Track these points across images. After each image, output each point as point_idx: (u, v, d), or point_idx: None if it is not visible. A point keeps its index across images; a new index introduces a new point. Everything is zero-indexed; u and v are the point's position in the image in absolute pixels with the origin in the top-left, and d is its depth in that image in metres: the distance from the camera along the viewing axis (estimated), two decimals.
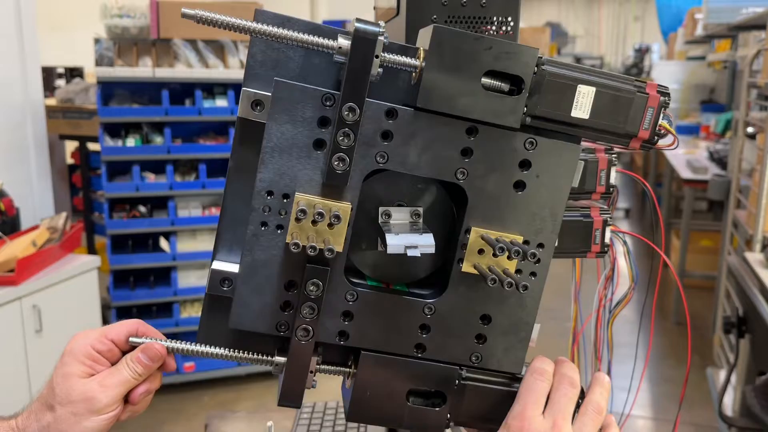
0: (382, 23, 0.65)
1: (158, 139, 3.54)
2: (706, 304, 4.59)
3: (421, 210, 0.76)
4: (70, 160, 4.89)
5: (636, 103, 0.71)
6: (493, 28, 0.78)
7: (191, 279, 3.68)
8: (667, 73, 7.87)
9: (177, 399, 3.62)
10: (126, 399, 0.79)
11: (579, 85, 0.69)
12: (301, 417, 1.32)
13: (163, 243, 3.66)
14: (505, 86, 0.69)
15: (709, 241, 5.19)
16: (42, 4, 3.89)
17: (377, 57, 0.65)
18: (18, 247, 2.90)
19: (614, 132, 0.71)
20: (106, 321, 3.61)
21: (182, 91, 3.60)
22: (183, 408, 3.54)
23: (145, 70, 3.44)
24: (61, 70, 5.82)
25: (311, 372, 0.73)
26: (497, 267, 0.71)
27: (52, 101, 4.53)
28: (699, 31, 5.99)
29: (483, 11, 0.77)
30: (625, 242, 0.85)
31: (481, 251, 0.72)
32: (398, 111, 0.69)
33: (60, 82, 5.56)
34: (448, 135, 0.70)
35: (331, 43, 0.66)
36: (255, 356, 0.75)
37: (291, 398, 0.74)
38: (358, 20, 0.65)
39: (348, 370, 0.75)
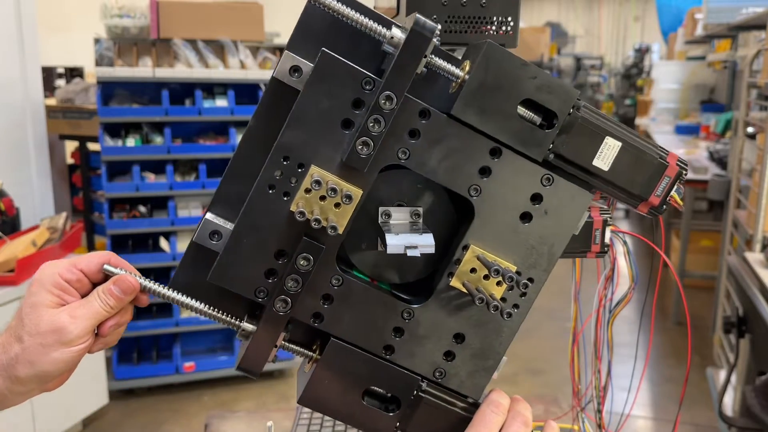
0: (439, 25, 0.66)
1: (158, 139, 3.54)
2: (706, 304, 4.59)
3: (421, 210, 0.75)
4: (70, 160, 4.89)
5: (655, 169, 0.72)
6: (493, 28, 0.78)
7: None
8: (667, 73, 7.88)
9: (177, 399, 3.62)
10: (96, 331, 0.76)
11: (607, 137, 0.70)
12: (301, 417, 1.32)
13: (163, 243, 3.66)
14: (538, 118, 0.70)
15: (709, 241, 5.19)
16: (42, 4, 3.89)
17: (426, 57, 0.66)
18: (18, 247, 2.90)
19: (628, 191, 0.73)
20: None
21: (182, 91, 3.59)
22: (183, 408, 3.54)
23: (145, 70, 3.44)
24: (61, 70, 5.82)
25: (276, 346, 0.72)
26: (485, 289, 0.72)
27: (52, 101, 4.53)
28: (699, 31, 5.99)
29: (483, 11, 0.77)
30: (625, 242, 0.85)
31: (473, 270, 0.72)
32: (432, 113, 0.69)
33: (60, 82, 5.56)
34: (472, 150, 0.71)
35: (384, 30, 0.66)
36: (224, 316, 0.73)
37: (251, 367, 0.73)
38: (416, 15, 0.65)
39: (311, 354, 0.75)
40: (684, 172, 0.73)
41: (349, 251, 0.76)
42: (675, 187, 0.73)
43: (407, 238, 0.71)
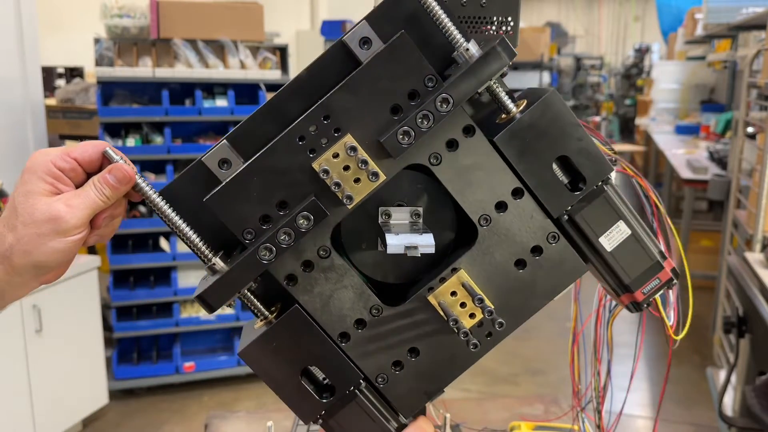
0: (516, 54, 0.67)
1: (158, 139, 3.54)
2: (706, 304, 4.59)
3: (420, 210, 0.76)
4: None
5: (651, 267, 0.74)
6: (493, 28, 0.77)
7: (191, 279, 3.67)
8: (667, 73, 7.88)
9: (177, 399, 3.62)
10: (90, 223, 0.73)
11: (621, 221, 0.72)
12: None
13: (163, 243, 3.66)
14: (566, 178, 0.72)
15: (709, 241, 5.19)
16: (42, 4, 3.89)
17: (491, 81, 0.67)
18: None
19: (619, 278, 0.74)
20: (106, 321, 3.61)
21: (182, 91, 3.60)
22: (183, 408, 3.54)
23: (145, 70, 3.45)
24: (61, 70, 5.82)
25: (237, 293, 0.71)
26: (459, 315, 0.72)
27: (52, 101, 4.53)
28: (699, 31, 5.99)
29: (483, 11, 0.77)
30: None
31: (453, 293, 0.73)
32: (476, 132, 0.70)
33: (60, 82, 5.56)
34: (498, 182, 0.72)
35: (462, 40, 0.67)
36: (200, 243, 0.71)
37: (211, 301, 0.70)
38: (504, 40, 0.67)
39: (268, 314, 0.74)
40: (674, 281, 0.75)
41: (348, 249, 0.76)
42: (661, 291, 0.75)
43: (407, 238, 0.71)
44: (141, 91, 3.56)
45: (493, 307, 0.72)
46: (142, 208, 3.60)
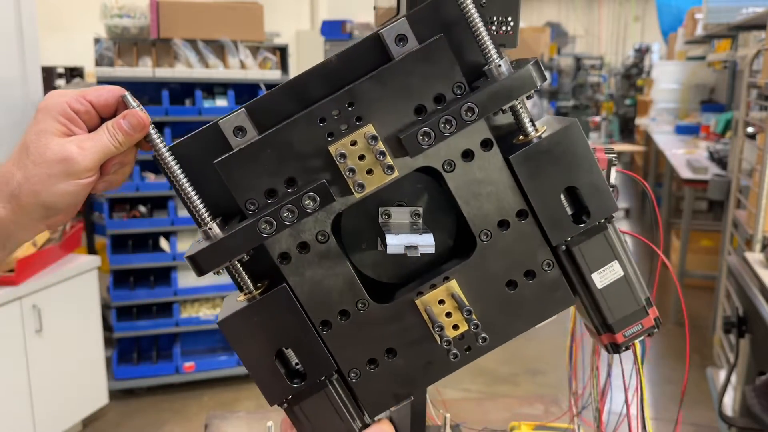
0: (547, 79, 0.67)
1: None
2: (706, 304, 4.59)
3: (420, 210, 0.76)
4: None
5: (636, 312, 0.75)
6: (493, 28, 0.77)
7: (191, 279, 3.68)
8: (667, 73, 7.88)
9: (177, 399, 3.62)
10: (100, 169, 0.73)
11: (616, 261, 0.73)
12: None
13: (163, 243, 3.66)
14: (571, 209, 0.72)
15: (709, 241, 5.19)
16: (42, 4, 3.89)
17: (516, 100, 0.68)
18: None
19: (604, 316, 0.75)
20: (106, 321, 3.61)
21: (182, 91, 3.60)
22: (183, 408, 3.54)
23: (145, 70, 3.45)
24: (61, 70, 5.81)
25: (230, 260, 0.70)
26: (444, 322, 0.72)
27: None
28: (699, 31, 5.99)
29: (483, 11, 0.77)
30: (625, 242, 0.85)
31: (441, 302, 0.73)
32: (494, 148, 0.71)
33: (60, 82, 5.56)
34: (506, 200, 0.72)
35: (496, 55, 0.68)
36: (200, 205, 0.70)
37: (202, 264, 0.69)
38: (537, 62, 0.68)
39: (253, 288, 0.73)
40: (655, 329, 0.76)
41: (348, 249, 0.76)
42: (642, 338, 0.76)
43: (407, 238, 0.71)
44: (141, 91, 3.56)
45: (476, 319, 0.72)
46: (142, 208, 3.60)
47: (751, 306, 2.30)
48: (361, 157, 0.69)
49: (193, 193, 0.70)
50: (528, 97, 0.70)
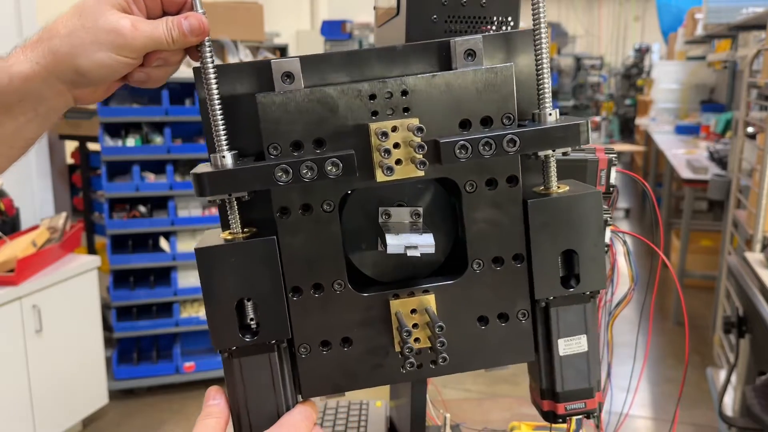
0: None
1: (158, 139, 3.54)
2: (706, 304, 4.59)
3: (420, 210, 0.76)
4: (70, 160, 4.89)
5: (584, 391, 0.77)
6: (493, 28, 0.78)
7: (191, 279, 3.68)
8: (667, 73, 7.88)
9: (177, 399, 3.62)
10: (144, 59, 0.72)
11: (584, 336, 0.75)
12: None
13: (163, 243, 3.66)
14: (562, 271, 0.73)
15: (709, 241, 5.19)
16: (42, 4, 3.89)
17: (558, 150, 0.70)
18: (18, 247, 2.90)
19: (553, 382, 0.76)
20: (106, 321, 3.61)
21: (182, 91, 3.60)
22: (183, 408, 3.54)
23: None
24: None
25: (235, 192, 0.69)
26: (411, 330, 0.72)
27: None
28: (699, 31, 5.99)
29: (483, 11, 0.77)
30: (625, 242, 0.85)
31: (413, 311, 0.73)
32: (518, 186, 0.72)
33: None
34: (509, 240, 0.73)
35: (549, 102, 0.71)
36: (223, 131, 0.69)
37: (206, 183, 0.68)
38: (587, 123, 0.70)
39: (239, 231, 0.71)
40: (594, 414, 0.77)
41: (349, 250, 0.75)
42: (580, 417, 0.77)
43: (407, 238, 0.71)
44: (141, 91, 3.56)
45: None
46: (142, 208, 3.60)
47: (751, 306, 2.30)
48: (396, 146, 0.69)
49: (220, 116, 0.69)
50: (564, 154, 0.71)
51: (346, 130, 0.69)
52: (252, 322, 0.71)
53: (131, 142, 3.50)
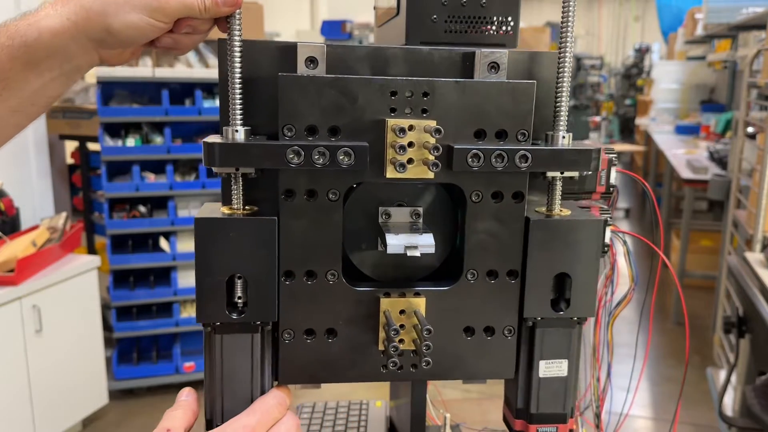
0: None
1: (158, 139, 3.54)
2: (706, 304, 4.59)
3: (420, 210, 0.76)
4: (70, 160, 4.89)
5: (558, 416, 0.78)
6: (493, 28, 0.78)
7: (191, 279, 3.64)
8: (667, 73, 7.88)
9: None
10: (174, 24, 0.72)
11: (566, 361, 0.76)
12: (302, 417, 1.32)
13: (163, 243, 3.66)
14: (554, 294, 0.74)
15: (709, 241, 5.19)
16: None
17: (566, 173, 0.72)
18: (18, 247, 2.90)
19: (528, 403, 0.78)
20: (106, 321, 3.61)
21: (182, 91, 3.59)
22: None
23: (145, 70, 3.44)
24: None
25: (243, 167, 0.69)
26: (398, 331, 0.72)
27: None
28: (699, 31, 5.99)
29: (483, 11, 0.77)
30: (625, 242, 0.85)
31: (402, 312, 0.73)
32: (523, 202, 0.73)
33: None
34: (507, 253, 0.73)
35: (564, 126, 0.73)
36: (239, 105, 0.69)
37: (217, 153, 0.69)
38: (599, 150, 0.73)
39: (241, 207, 0.71)
40: None
41: (347, 247, 0.75)
42: None
43: (407, 238, 0.71)
44: (141, 91, 3.56)
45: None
46: (142, 208, 3.60)
47: (751, 306, 2.30)
48: (409, 145, 0.69)
49: (239, 89, 0.69)
50: (570, 178, 0.73)
51: (363, 122, 0.69)
52: (239, 301, 0.71)
53: (131, 142, 3.50)
